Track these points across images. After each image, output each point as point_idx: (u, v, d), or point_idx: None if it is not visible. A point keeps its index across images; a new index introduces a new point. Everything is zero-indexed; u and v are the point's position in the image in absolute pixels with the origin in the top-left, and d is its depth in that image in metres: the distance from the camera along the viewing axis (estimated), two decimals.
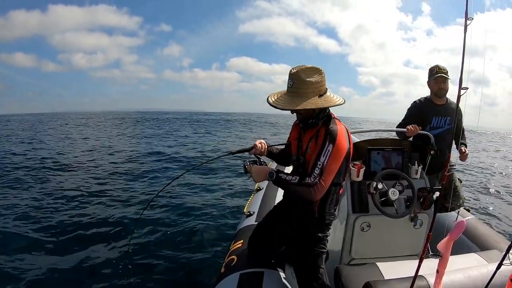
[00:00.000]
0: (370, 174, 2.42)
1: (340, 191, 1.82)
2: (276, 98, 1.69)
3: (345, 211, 2.42)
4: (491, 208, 6.31)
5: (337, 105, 1.70)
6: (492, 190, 7.96)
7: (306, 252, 1.81)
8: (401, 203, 2.30)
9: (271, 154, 2.13)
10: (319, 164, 1.58)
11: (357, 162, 2.41)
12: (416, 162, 2.50)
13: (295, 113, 1.77)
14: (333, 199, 1.78)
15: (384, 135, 3.72)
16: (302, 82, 1.61)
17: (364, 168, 2.40)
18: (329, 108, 1.74)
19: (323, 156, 1.59)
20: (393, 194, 2.25)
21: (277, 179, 1.68)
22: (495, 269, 1.06)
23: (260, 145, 2.04)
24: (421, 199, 2.36)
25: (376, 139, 2.66)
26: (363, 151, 2.50)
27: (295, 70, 1.64)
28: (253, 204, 3.19)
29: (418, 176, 2.50)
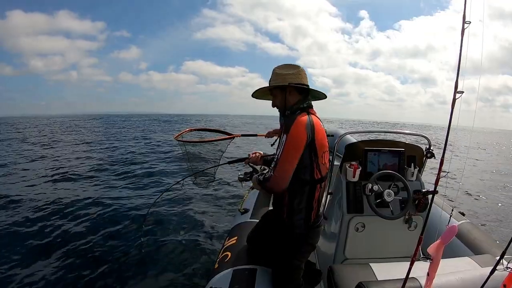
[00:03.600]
0: (366, 175, 2.42)
1: (316, 194, 1.68)
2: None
3: (340, 211, 2.42)
4: (485, 212, 6.34)
5: (301, 85, 1.66)
6: (485, 194, 7.99)
7: (279, 261, 1.81)
8: (396, 204, 2.31)
9: (266, 162, 2.16)
10: (275, 157, 1.59)
11: (353, 163, 2.42)
12: (412, 164, 2.51)
13: (275, 108, 1.80)
14: (301, 201, 1.66)
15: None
16: (275, 74, 1.70)
17: (360, 169, 2.40)
18: (309, 103, 1.72)
19: (279, 148, 1.58)
20: (389, 195, 2.25)
21: (258, 182, 1.75)
22: (488, 274, 1.06)
23: (253, 155, 2.15)
24: (416, 201, 2.37)
25: (373, 140, 2.66)
26: (360, 151, 2.50)
27: (274, 68, 1.74)
28: (248, 202, 3.19)
29: (414, 178, 2.51)
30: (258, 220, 2.30)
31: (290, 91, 1.69)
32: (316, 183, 1.66)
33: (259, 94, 1.86)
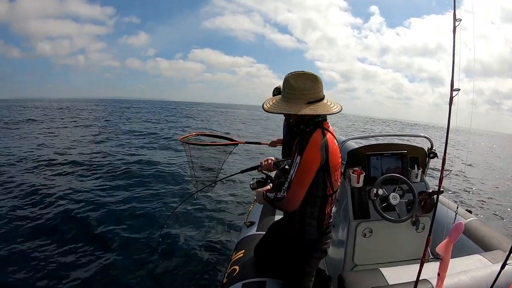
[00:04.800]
0: (370, 180, 2.42)
1: (328, 206, 1.68)
2: (271, 103, 1.67)
3: (347, 218, 2.41)
4: (492, 208, 6.29)
5: (321, 114, 1.60)
6: (492, 190, 7.95)
7: (291, 270, 1.79)
8: (402, 207, 2.30)
9: (279, 167, 2.16)
10: (289, 178, 1.57)
11: (356, 168, 2.42)
12: (415, 165, 2.51)
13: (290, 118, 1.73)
14: (313, 212, 1.66)
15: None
16: (290, 88, 1.59)
17: (364, 174, 2.40)
18: (325, 116, 1.65)
19: (293, 169, 1.55)
20: (394, 198, 2.24)
21: (265, 199, 1.75)
22: (499, 269, 1.05)
23: (266, 162, 2.14)
24: (422, 203, 2.36)
25: (375, 144, 2.66)
26: (362, 157, 2.50)
27: (287, 75, 1.62)
28: (253, 214, 3.18)
29: (418, 179, 2.50)
30: (264, 233, 2.29)
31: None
32: (328, 197, 1.66)
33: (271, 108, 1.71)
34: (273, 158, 2.15)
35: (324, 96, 1.63)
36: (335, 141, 1.64)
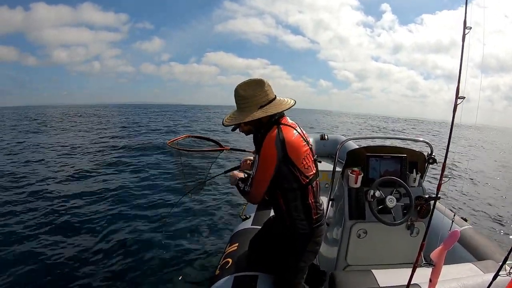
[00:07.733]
0: (368, 181, 2.41)
1: (309, 196, 1.69)
2: (227, 117, 1.73)
3: (342, 218, 2.41)
4: (488, 218, 6.29)
5: (274, 112, 1.64)
6: (488, 199, 7.94)
7: (284, 265, 1.81)
8: (398, 211, 2.30)
9: None
10: (251, 175, 1.68)
11: (355, 169, 2.41)
12: (414, 170, 2.50)
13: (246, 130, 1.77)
14: (297, 205, 1.69)
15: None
16: (241, 98, 1.66)
17: (362, 175, 2.40)
18: (281, 113, 1.69)
19: (254, 167, 1.66)
20: (391, 201, 2.24)
21: (237, 185, 1.81)
22: (491, 280, 1.05)
23: (245, 162, 2.22)
24: (418, 208, 2.36)
25: (375, 146, 2.66)
26: (362, 157, 2.50)
27: (236, 87, 1.69)
28: (249, 208, 3.18)
29: (416, 184, 2.50)
30: (259, 227, 2.30)
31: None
32: (306, 187, 1.69)
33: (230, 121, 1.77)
34: (251, 158, 2.21)
35: (275, 96, 1.70)
36: (294, 132, 1.66)
